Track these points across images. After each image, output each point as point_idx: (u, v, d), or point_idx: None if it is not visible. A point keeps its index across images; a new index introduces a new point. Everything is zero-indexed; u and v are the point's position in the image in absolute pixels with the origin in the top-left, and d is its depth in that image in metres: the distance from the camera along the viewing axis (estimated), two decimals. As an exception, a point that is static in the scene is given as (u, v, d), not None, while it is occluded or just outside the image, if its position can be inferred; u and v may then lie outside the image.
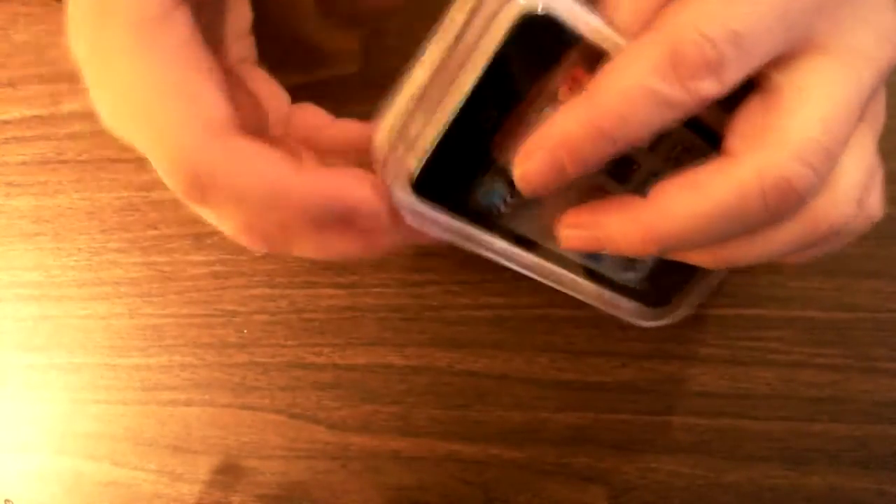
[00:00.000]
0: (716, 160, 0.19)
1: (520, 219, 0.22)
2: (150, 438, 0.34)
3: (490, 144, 0.20)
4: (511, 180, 0.20)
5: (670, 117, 0.18)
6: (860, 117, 0.19)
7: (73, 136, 0.34)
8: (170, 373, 0.34)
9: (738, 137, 0.19)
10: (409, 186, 0.19)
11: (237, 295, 0.33)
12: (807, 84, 0.18)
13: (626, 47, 0.18)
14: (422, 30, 0.19)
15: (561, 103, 0.19)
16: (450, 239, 0.21)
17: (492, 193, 0.21)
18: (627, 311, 0.25)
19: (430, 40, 0.19)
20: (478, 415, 0.31)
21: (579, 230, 0.21)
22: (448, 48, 0.18)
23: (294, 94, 0.24)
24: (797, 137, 0.18)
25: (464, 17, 0.18)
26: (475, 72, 0.18)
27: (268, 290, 0.32)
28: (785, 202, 0.18)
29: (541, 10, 0.18)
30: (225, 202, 0.19)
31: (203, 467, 0.34)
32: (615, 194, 0.21)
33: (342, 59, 0.28)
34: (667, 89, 0.17)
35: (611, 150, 0.18)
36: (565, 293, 0.24)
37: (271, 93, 0.24)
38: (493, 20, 0.18)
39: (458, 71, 0.18)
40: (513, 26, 0.18)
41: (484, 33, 0.18)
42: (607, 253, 0.22)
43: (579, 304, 0.24)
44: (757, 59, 0.18)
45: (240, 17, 0.26)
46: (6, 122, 0.33)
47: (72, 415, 0.35)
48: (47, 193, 0.34)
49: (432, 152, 0.19)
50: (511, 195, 0.21)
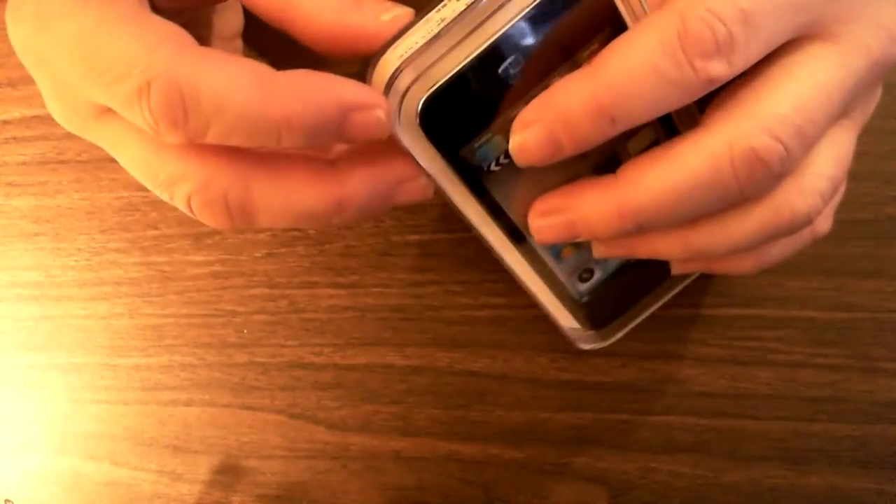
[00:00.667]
0: (690, 133, 0.19)
1: (502, 186, 0.21)
2: (150, 438, 0.34)
3: (504, 94, 0.19)
4: (503, 154, 0.20)
5: (675, 98, 0.17)
6: (844, 110, 0.19)
7: (73, 136, 0.33)
8: (170, 373, 0.34)
9: (714, 110, 0.19)
10: (413, 115, 0.18)
11: (237, 295, 0.33)
12: (794, 65, 0.18)
13: (636, 23, 0.18)
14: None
15: None
16: (429, 180, 0.20)
17: (489, 147, 0.20)
18: (566, 321, 0.25)
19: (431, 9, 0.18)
20: (478, 415, 0.31)
21: (552, 217, 0.21)
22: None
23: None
24: (768, 111, 0.18)
25: None
26: (512, 13, 0.18)
27: (268, 290, 0.32)
28: (753, 174, 0.18)
29: None
30: (205, 114, 0.17)
31: (203, 467, 0.34)
32: None
33: (342, 59, 0.28)
34: (673, 68, 0.17)
35: (610, 131, 0.18)
36: (547, 315, 0.24)
37: None
38: None
39: (495, 8, 0.18)
40: None
41: None
42: (581, 241, 0.22)
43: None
44: (765, 43, 0.17)
45: (227, 20, 0.25)
46: (6, 122, 0.33)
47: (72, 415, 0.35)
48: (47, 193, 0.34)
49: (445, 85, 0.18)
50: (506, 155, 0.20)
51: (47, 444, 0.36)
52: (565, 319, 0.25)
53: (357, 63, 0.20)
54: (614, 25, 0.18)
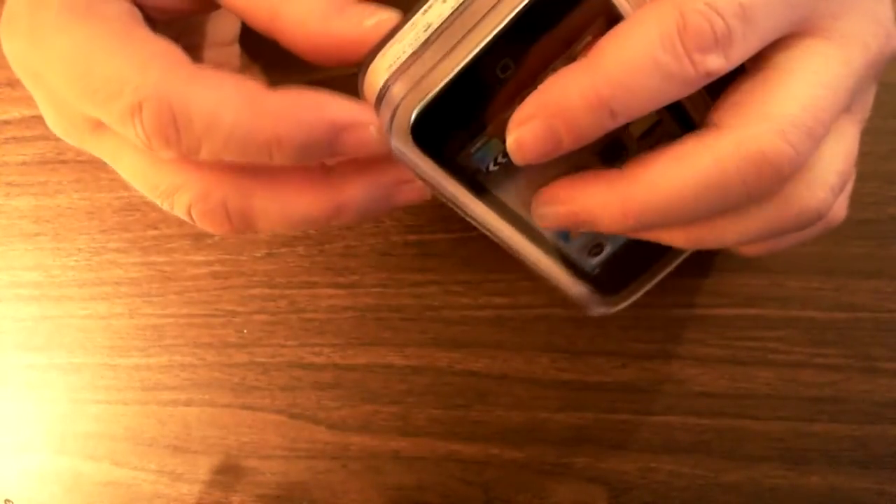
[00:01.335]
0: (699, 133, 0.18)
1: (502, 182, 0.21)
2: (150, 438, 0.34)
3: (497, 97, 0.19)
4: (499, 156, 0.19)
5: (674, 91, 0.17)
6: (847, 106, 0.19)
7: (73, 136, 0.34)
8: (170, 373, 0.34)
9: (724, 111, 0.19)
10: (406, 128, 0.18)
11: (237, 295, 0.33)
12: (797, 63, 0.18)
13: (632, 15, 0.18)
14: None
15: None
16: (427, 186, 0.20)
17: (486, 150, 0.20)
18: (579, 294, 0.25)
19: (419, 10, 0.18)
20: (478, 415, 0.31)
21: (556, 206, 0.20)
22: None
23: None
24: (778, 112, 0.18)
25: None
26: (501, 16, 0.17)
27: (268, 290, 0.32)
28: (762, 177, 0.18)
29: None
30: (197, 133, 0.18)
31: (203, 467, 0.34)
32: None
33: (333, 67, 0.28)
34: (673, 61, 0.17)
35: (609, 124, 0.18)
36: (561, 292, 0.24)
37: None
38: None
39: (484, 13, 0.17)
40: None
41: None
42: (583, 231, 0.22)
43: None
44: (761, 38, 0.17)
45: (222, 26, 0.25)
46: (6, 122, 0.33)
47: (72, 415, 0.35)
48: (47, 193, 0.34)
49: (436, 96, 0.18)
50: (504, 154, 0.20)
51: (47, 444, 0.36)
52: (577, 290, 0.25)
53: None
54: (609, 16, 0.18)
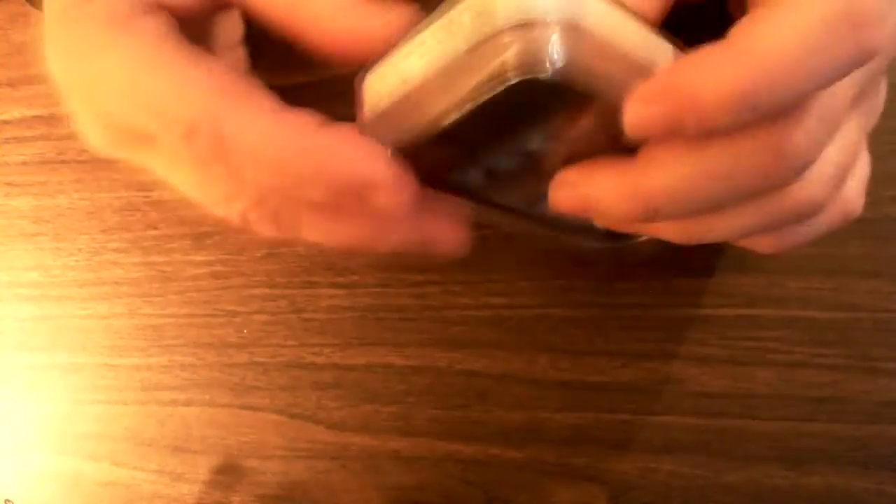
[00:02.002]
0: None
1: (502, 184, 0.21)
2: (150, 438, 0.34)
3: (478, 148, 0.19)
4: (489, 170, 0.19)
5: (831, 77, 0.16)
6: (854, 98, 0.19)
7: (73, 136, 0.33)
8: (170, 373, 0.34)
9: None
10: (398, 152, 0.18)
11: (237, 295, 0.33)
12: None
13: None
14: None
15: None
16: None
17: (468, 175, 0.20)
18: (589, 247, 0.25)
19: (429, 28, 0.17)
20: (478, 415, 0.31)
21: (568, 190, 0.20)
22: (450, 54, 0.17)
23: (294, 93, 0.24)
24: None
25: (470, 25, 0.16)
26: (479, 95, 0.16)
27: (268, 290, 0.32)
28: (778, 170, 0.17)
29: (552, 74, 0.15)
30: (243, 161, 0.18)
31: (203, 467, 0.34)
32: None
33: (343, 66, 0.28)
34: (839, 43, 0.15)
35: (748, 117, 0.16)
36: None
37: None
38: (501, 50, 0.15)
39: (461, 80, 0.16)
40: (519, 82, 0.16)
41: (490, 59, 0.16)
42: (593, 217, 0.21)
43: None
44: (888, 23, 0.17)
45: (228, 28, 0.25)
46: (6, 122, 0.33)
47: (72, 415, 0.35)
48: (47, 193, 0.34)
49: (415, 143, 0.18)
50: (490, 176, 0.20)
51: (47, 444, 0.36)
52: (587, 243, 0.25)
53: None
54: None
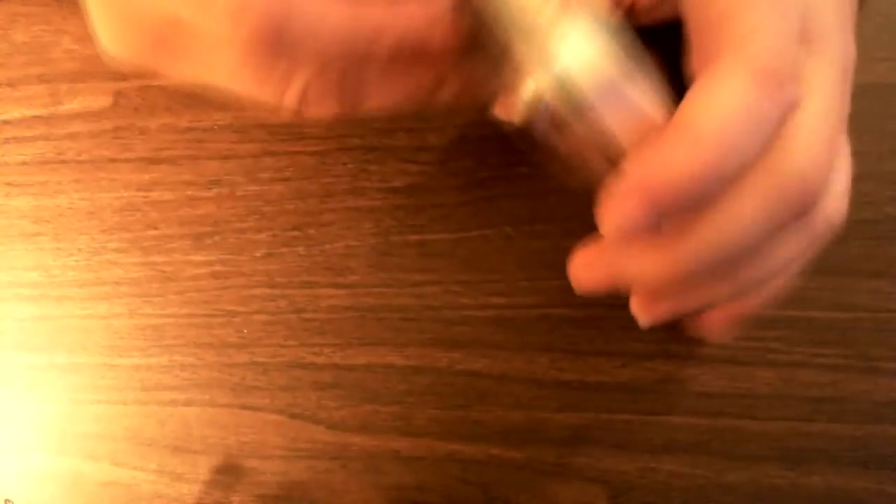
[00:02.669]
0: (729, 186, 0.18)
1: None
2: (150, 438, 0.34)
3: None
4: None
5: (767, 133, 0.17)
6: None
7: (73, 136, 0.34)
8: (170, 373, 0.34)
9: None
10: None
11: (237, 295, 0.33)
12: (809, 90, 0.18)
13: (702, 78, 0.18)
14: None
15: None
16: None
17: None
18: None
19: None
20: (478, 415, 0.31)
21: (595, 272, 0.21)
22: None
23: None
24: (799, 161, 0.18)
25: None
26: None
27: (268, 290, 0.32)
28: (802, 206, 0.18)
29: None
30: (305, 31, 0.17)
31: (203, 467, 0.34)
32: None
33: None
34: (765, 105, 0.17)
35: (715, 188, 0.17)
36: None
37: None
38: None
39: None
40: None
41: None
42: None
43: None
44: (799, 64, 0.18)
45: None
46: (6, 122, 0.33)
47: (72, 415, 0.35)
48: (47, 193, 0.34)
49: None
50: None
51: (47, 444, 0.36)
52: None
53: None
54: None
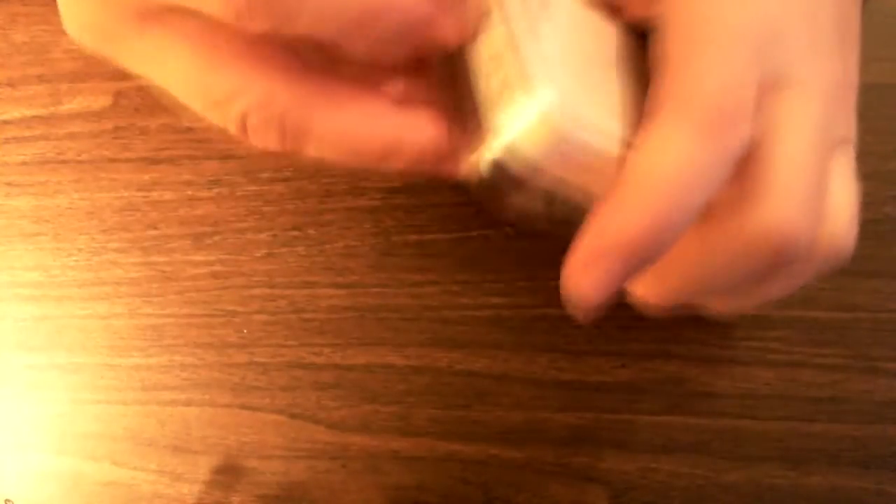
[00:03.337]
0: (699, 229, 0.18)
1: None
2: (150, 438, 0.34)
3: None
4: None
5: (719, 175, 0.17)
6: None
7: (73, 136, 0.34)
8: (170, 373, 0.34)
9: (723, 206, 0.18)
10: None
11: (237, 295, 0.33)
12: (777, 139, 0.18)
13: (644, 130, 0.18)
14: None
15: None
16: None
17: None
18: None
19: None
20: (478, 415, 0.31)
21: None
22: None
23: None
24: (780, 193, 0.18)
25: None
26: None
27: (268, 290, 0.32)
28: (782, 257, 0.18)
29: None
30: (304, 2, 0.16)
31: (203, 467, 0.34)
32: None
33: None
34: (711, 151, 0.17)
35: (671, 239, 0.17)
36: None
37: None
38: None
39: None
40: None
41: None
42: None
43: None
44: (755, 96, 0.18)
45: None
46: (6, 122, 0.34)
47: (72, 415, 0.35)
48: (47, 193, 0.34)
49: None
50: None
51: (47, 444, 0.36)
52: None
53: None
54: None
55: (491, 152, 0.18)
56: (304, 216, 0.32)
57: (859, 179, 0.22)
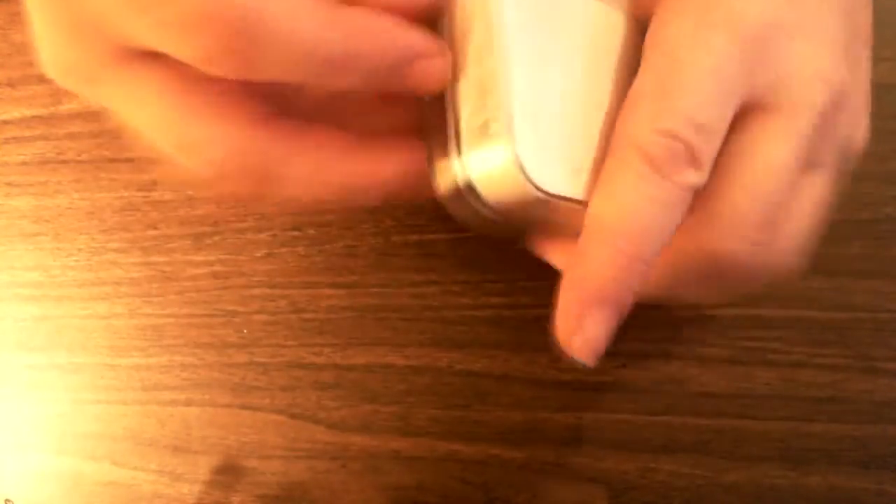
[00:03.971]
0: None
1: None
2: (150, 438, 0.34)
3: None
4: None
5: (675, 214, 0.17)
6: (802, 167, 0.19)
7: (73, 136, 0.34)
8: (170, 373, 0.34)
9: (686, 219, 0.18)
10: None
11: (237, 295, 0.33)
12: (747, 152, 0.18)
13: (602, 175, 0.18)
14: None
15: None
16: None
17: None
18: None
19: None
20: (478, 415, 0.31)
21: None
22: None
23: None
24: (731, 214, 0.18)
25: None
26: None
27: (268, 290, 0.32)
28: (735, 277, 0.18)
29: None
30: (272, 47, 0.16)
31: (203, 467, 0.34)
32: None
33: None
34: (660, 192, 0.17)
35: (644, 271, 0.17)
36: None
37: None
38: None
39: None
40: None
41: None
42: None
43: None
44: (720, 132, 0.17)
45: None
46: (6, 122, 0.33)
47: (72, 415, 0.35)
48: (47, 193, 0.34)
49: None
50: None
51: (47, 444, 0.36)
52: None
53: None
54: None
55: (457, 180, 0.18)
56: (304, 216, 0.32)
57: (859, 179, 0.22)
